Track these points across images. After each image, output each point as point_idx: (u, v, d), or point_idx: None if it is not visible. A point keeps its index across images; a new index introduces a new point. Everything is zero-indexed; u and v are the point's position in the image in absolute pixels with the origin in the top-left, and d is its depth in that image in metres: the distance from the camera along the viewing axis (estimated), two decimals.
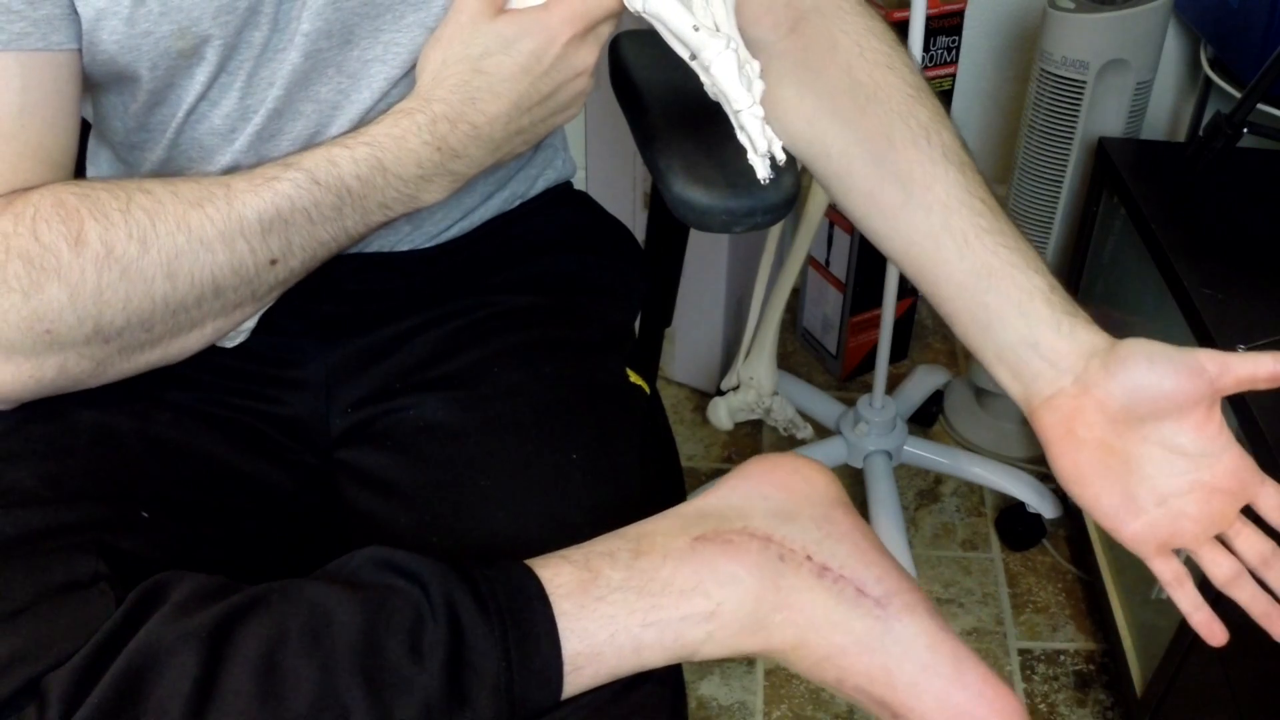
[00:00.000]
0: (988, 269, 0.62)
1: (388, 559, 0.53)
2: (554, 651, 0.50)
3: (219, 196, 0.56)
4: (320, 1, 0.60)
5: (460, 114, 0.60)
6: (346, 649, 0.48)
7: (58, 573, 0.51)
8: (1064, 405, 0.60)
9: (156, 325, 0.57)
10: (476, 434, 0.67)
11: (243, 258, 0.57)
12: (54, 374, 0.56)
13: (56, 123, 0.57)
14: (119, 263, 0.54)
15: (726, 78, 0.57)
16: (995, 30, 1.70)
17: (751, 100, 0.58)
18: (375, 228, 0.62)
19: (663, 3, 0.58)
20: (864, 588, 0.53)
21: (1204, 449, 0.58)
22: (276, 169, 0.58)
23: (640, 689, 0.55)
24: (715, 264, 1.59)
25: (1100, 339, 0.61)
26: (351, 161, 0.59)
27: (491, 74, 0.60)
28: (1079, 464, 0.60)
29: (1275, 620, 0.59)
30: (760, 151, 0.59)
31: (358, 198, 0.59)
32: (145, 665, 0.47)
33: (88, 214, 0.54)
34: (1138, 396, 0.58)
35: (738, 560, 0.53)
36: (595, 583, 0.52)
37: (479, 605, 0.51)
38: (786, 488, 0.58)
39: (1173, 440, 0.59)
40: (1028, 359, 0.61)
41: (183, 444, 0.65)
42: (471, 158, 0.62)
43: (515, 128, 0.62)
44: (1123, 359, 0.58)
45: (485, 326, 0.73)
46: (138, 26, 0.57)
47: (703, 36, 0.57)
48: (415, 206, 0.62)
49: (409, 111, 0.60)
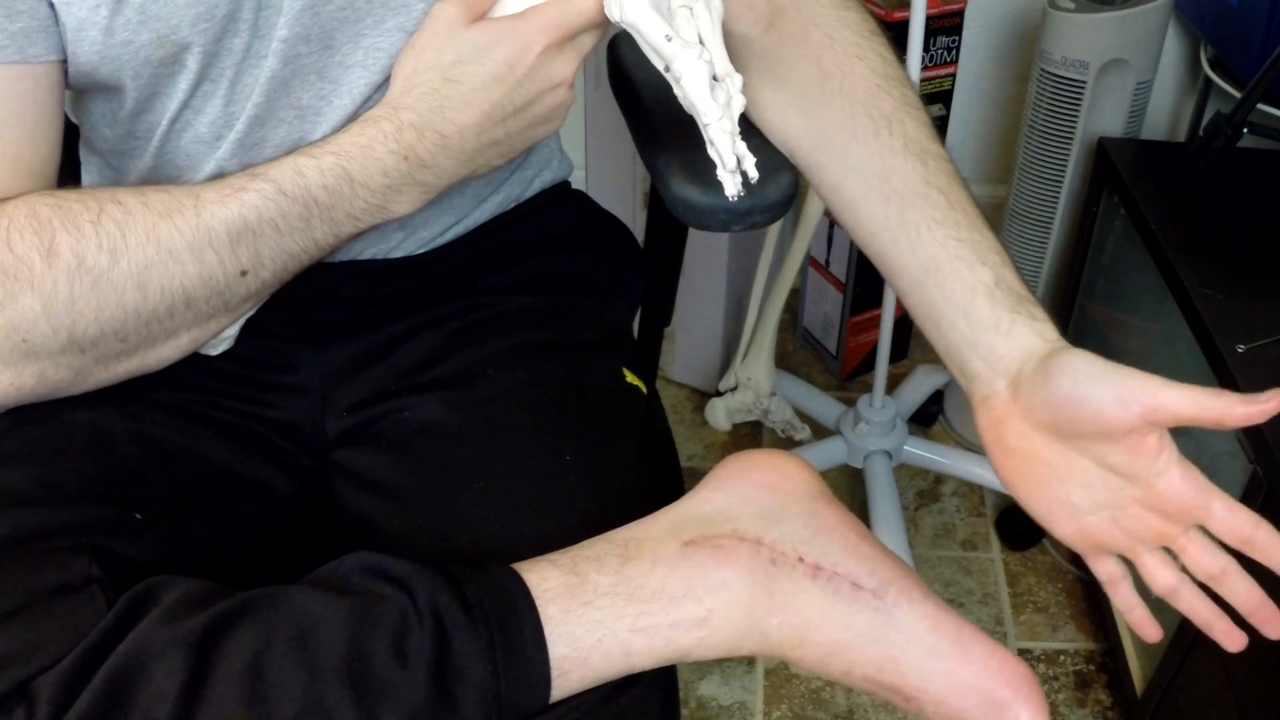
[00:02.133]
0: (935, 263, 0.61)
1: (375, 565, 0.53)
2: (541, 656, 0.50)
3: (188, 208, 0.56)
4: (298, 7, 0.59)
5: (428, 123, 0.59)
6: (332, 656, 0.48)
7: (50, 575, 0.51)
8: (997, 408, 0.59)
9: (130, 335, 0.57)
10: (471, 436, 0.66)
11: (212, 269, 0.57)
12: (33, 382, 0.57)
13: (35, 133, 0.58)
14: (90, 274, 0.54)
15: (696, 90, 0.57)
16: (995, 30, 1.70)
17: (720, 114, 0.57)
18: (346, 239, 0.62)
19: (639, 12, 0.58)
20: (859, 581, 0.53)
21: (1138, 471, 0.55)
22: (244, 179, 0.58)
23: (631, 691, 0.55)
24: (715, 264, 1.59)
25: (1038, 341, 0.58)
26: (318, 172, 0.58)
27: (462, 82, 0.59)
28: (1008, 468, 0.60)
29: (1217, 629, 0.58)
30: (729, 167, 0.59)
31: (325, 208, 0.59)
32: (133, 669, 0.47)
33: (60, 225, 0.54)
34: (1061, 413, 0.55)
35: (729, 566, 0.53)
36: (582, 588, 0.52)
37: (465, 611, 0.51)
38: (769, 487, 0.57)
39: (1104, 458, 0.56)
40: (969, 358, 0.60)
41: (177, 445, 0.65)
42: (441, 168, 0.61)
43: (488, 139, 0.61)
44: (1051, 372, 0.55)
45: (482, 328, 0.73)
46: (117, 36, 0.57)
47: (675, 47, 0.57)
48: (385, 218, 0.61)
49: (376, 120, 0.59)
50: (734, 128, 0.58)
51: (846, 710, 1.29)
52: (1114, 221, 1.32)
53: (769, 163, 0.68)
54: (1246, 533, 0.55)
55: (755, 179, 0.60)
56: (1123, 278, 1.32)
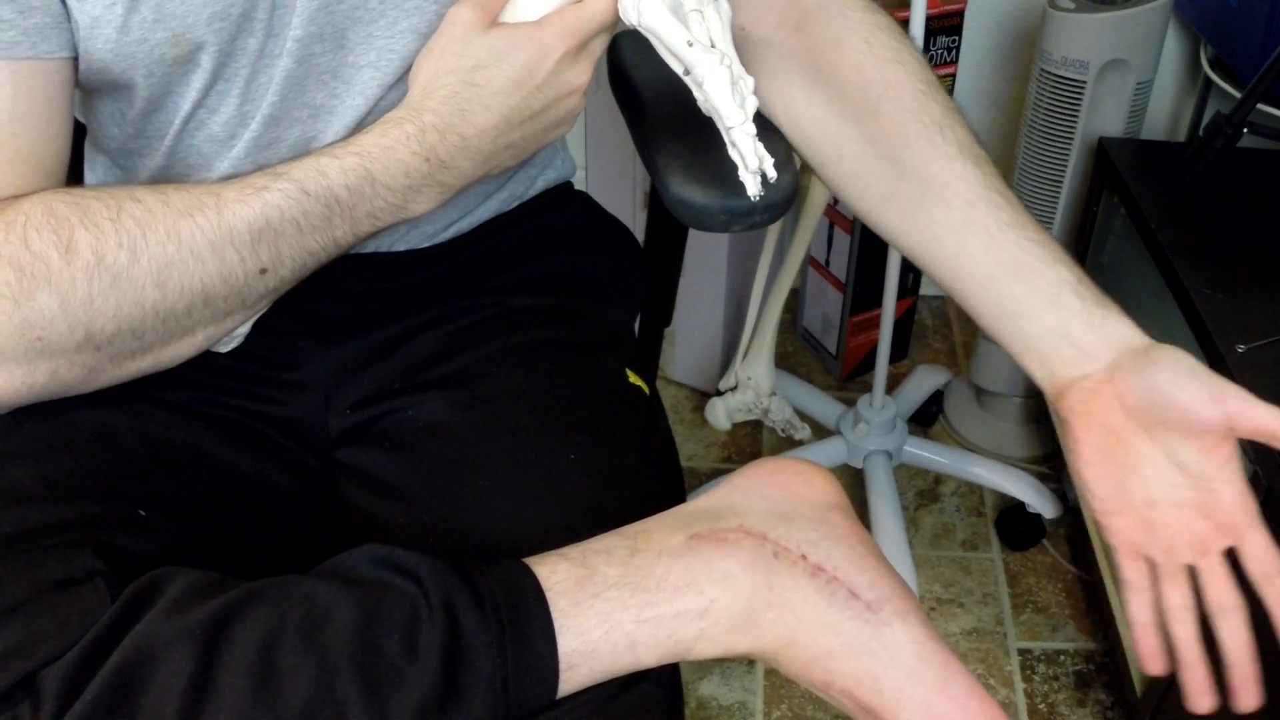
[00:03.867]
0: (1015, 262, 0.64)
1: (385, 556, 0.53)
2: (550, 648, 0.50)
3: (209, 206, 0.56)
4: (312, 6, 0.60)
5: (450, 125, 0.60)
6: (342, 646, 0.48)
7: (54, 569, 0.51)
8: (1088, 387, 0.62)
9: (147, 333, 0.57)
10: (474, 434, 0.66)
11: (232, 267, 0.57)
12: (45, 380, 0.56)
13: (48, 130, 0.58)
14: (109, 271, 0.54)
15: (719, 95, 0.57)
16: (995, 30, 1.70)
17: (743, 117, 0.58)
18: (364, 237, 0.62)
19: (658, 17, 0.58)
20: (857, 591, 0.53)
21: (1205, 473, 0.59)
22: (266, 178, 0.58)
23: (637, 689, 0.55)
24: (715, 264, 1.59)
25: (1132, 333, 0.62)
26: (340, 171, 0.59)
27: (483, 86, 0.60)
28: (1087, 442, 0.62)
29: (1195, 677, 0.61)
30: (751, 169, 0.59)
31: (346, 208, 0.59)
32: (140, 662, 0.47)
33: (78, 222, 0.54)
34: (1154, 399, 0.59)
35: (732, 557, 0.53)
36: (591, 579, 0.52)
37: (475, 602, 0.51)
38: (787, 489, 0.58)
39: (1177, 453, 0.60)
40: (1057, 347, 0.63)
41: (181, 443, 0.65)
42: (460, 169, 0.62)
43: (505, 141, 0.62)
44: (1153, 361, 0.59)
45: (485, 328, 0.73)
46: (132, 34, 0.57)
47: (696, 53, 0.57)
48: (404, 217, 0.62)
49: (398, 121, 0.60)
50: (754, 130, 0.59)
51: None
52: (1114, 221, 1.32)
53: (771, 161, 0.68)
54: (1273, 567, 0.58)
55: (774, 179, 0.60)
56: (1123, 278, 1.32)
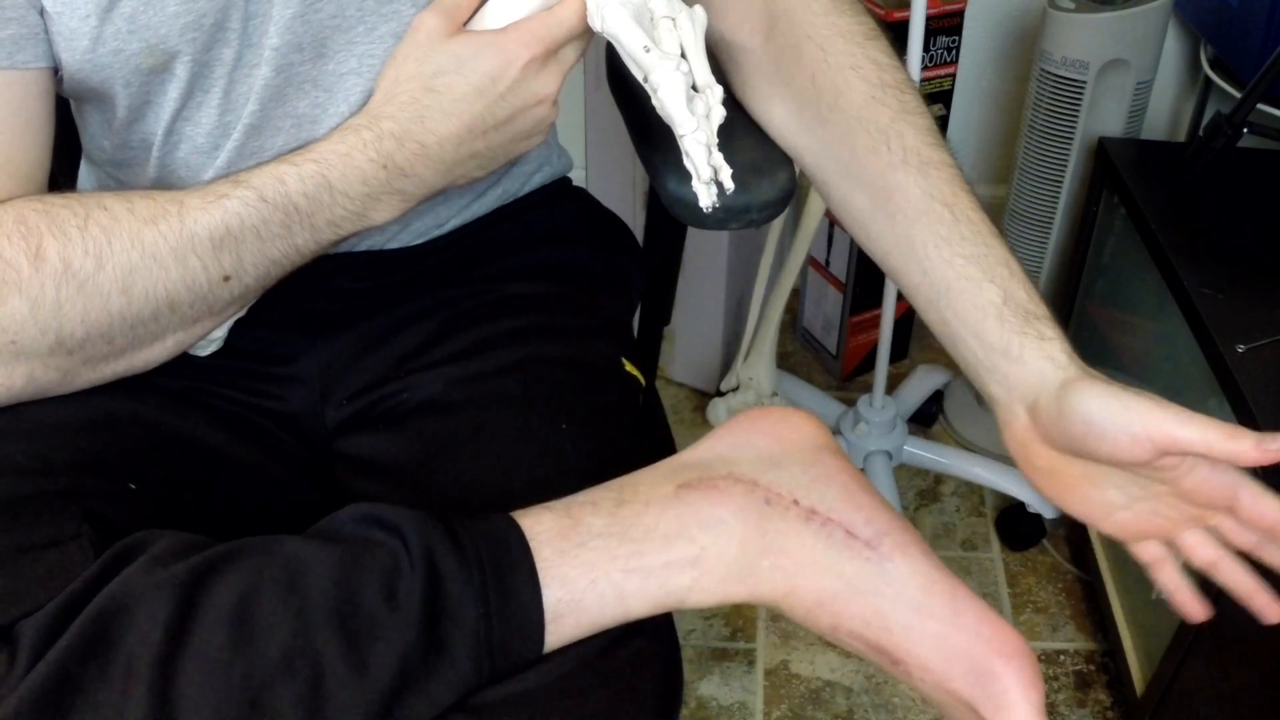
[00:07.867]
0: (945, 284, 0.61)
1: (369, 513, 0.52)
2: (534, 598, 0.50)
3: (172, 214, 0.57)
4: (288, 16, 0.60)
5: (408, 132, 0.60)
6: (320, 597, 0.48)
7: (40, 533, 0.51)
8: (1019, 433, 0.60)
9: (117, 338, 0.58)
10: (468, 408, 0.67)
11: (195, 274, 0.58)
12: (23, 382, 0.58)
13: (25, 139, 0.59)
14: (76, 278, 0.55)
15: (672, 101, 0.57)
16: (995, 30, 1.70)
17: (695, 125, 0.57)
18: (328, 245, 0.62)
19: (619, 23, 0.58)
20: (853, 530, 0.52)
21: (1163, 478, 0.57)
22: (228, 185, 0.58)
23: (630, 644, 0.54)
24: (715, 264, 1.59)
25: (1049, 367, 0.58)
26: (298, 179, 0.59)
27: (443, 93, 0.60)
28: (1039, 482, 0.61)
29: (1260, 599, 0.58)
30: (703, 179, 0.59)
31: (305, 215, 0.59)
32: (116, 611, 0.47)
33: (46, 230, 0.55)
34: (1080, 448, 0.56)
35: (722, 504, 0.52)
36: (576, 529, 0.51)
37: (457, 553, 0.50)
38: (774, 435, 0.57)
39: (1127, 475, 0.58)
40: (985, 381, 0.61)
41: (176, 428, 0.65)
42: (420, 178, 0.61)
43: (468, 150, 0.62)
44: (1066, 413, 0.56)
45: (480, 313, 0.73)
46: (107, 45, 0.58)
47: (653, 58, 0.57)
48: (365, 225, 0.62)
49: (356, 128, 0.60)
50: (710, 139, 0.58)
51: (846, 710, 1.29)
52: (1114, 221, 1.32)
53: (766, 160, 0.68)
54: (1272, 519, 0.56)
55: (731, 190, 0.60)
56: (1122, 278, 1.32)
